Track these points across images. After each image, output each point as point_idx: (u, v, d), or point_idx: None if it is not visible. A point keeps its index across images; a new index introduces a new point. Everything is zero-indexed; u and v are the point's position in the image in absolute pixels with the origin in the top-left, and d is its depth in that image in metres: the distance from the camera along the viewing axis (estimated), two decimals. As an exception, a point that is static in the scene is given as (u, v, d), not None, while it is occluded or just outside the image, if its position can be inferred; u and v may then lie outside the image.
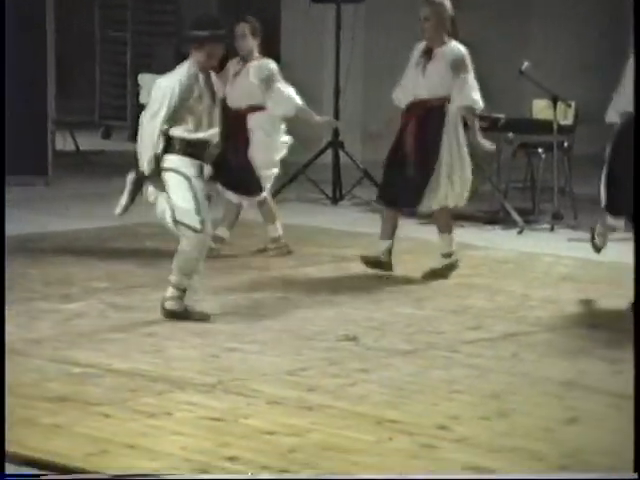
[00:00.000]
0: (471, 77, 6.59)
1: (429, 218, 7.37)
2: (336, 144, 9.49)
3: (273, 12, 11.55)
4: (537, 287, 6.61)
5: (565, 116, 8.60)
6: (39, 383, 4.70)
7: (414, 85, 6.64)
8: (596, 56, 11.56)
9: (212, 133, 5.69)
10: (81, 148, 11.32)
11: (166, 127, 5.61)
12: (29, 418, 4.30)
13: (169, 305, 5.67)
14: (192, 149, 5.63)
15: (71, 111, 12.42)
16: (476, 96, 6.59)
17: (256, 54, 7.16)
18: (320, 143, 9.89)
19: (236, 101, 7.11)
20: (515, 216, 8.33)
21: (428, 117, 6.56)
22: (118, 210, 5.71)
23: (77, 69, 13.05)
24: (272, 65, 7.15)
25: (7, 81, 9.40)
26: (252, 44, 7.12)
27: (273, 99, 7.11)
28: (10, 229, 7.83)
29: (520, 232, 8.22)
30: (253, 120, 7.12)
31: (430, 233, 7.70)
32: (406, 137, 6.60)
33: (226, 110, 6.64)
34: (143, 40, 12.67)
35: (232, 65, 7.20)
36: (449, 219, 6.77)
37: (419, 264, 6.93)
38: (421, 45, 6.67)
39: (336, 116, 9.44)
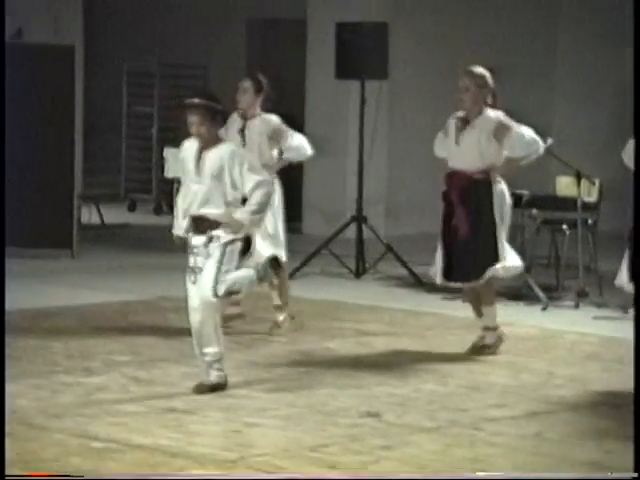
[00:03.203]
0: (521, 128, 6.56)
1: (454, 293, 7.35)
2: (359, 219, 9.52)
3: (298, 86, 11.69)
4: (561, 365, 6.55)
5: (589, 193, 8.60)
6: (60, 458, 4.68)
7: (449, 155, 6.65)
8: (620, 133, 11.60)
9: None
10: (106, 221, 11.41)
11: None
12: (49, 494, 4.27)
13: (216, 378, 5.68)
14: None
15: (97, 184, 12.54)
16: (535, 145, 6.56)
17: (257, 110, 7.15)
18: (344, 217, 9.93)
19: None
20: (539, 292, 8.29)
21: (474, 191, 6.52)
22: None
23: (103, 143, 13.20)
24: (276, 119, 7.15)
25: (34, 154, 9.54)
26: (253, 100, 7.10)
27: (285, 147, 7.12)
28: (34, 302, 7.89)
29: (544, 309, 8.18)
30: None
31: (454, 309, 7.68)
32: (455, 211, 6.56)
33: None
34: (169, 114, 12.81)
35: (233, 121, 7.15)
36: (494, 292, 6.74)
37: (443, 340, 6.89)
38: (457, 114, 6.65)
39: (360, 190, 9.48)
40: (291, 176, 9.76)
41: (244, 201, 5.77)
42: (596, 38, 12.13)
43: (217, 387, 5.69)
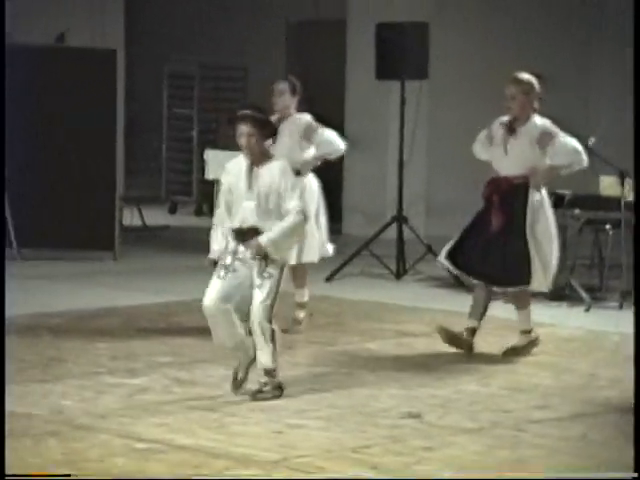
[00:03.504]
0: (565, 138, 6.52)
1: (494, 294, 7.29)
2: (400, 219, 9.50)
3: (339, 86, 11.69)
4: (605, 366, 6.50)
5: (633, 192, 8.52)
6: (104, 458, 4.71)
7: (496, 162, 6.62)
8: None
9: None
10: (147, 223, 11.47)
11: None
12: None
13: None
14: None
15: (138, 186, 12.61)
16: (578, 155, 6.52)
17: (292, 111, 7.15)
18: (384, 218, 9.91)
19: None
20: (582, 293, 8.23)
21: (513, 195, 6.50)
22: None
23: (144, 145, 13.27)
24: (307, 117, 7.14)
25: (77, 157, 9.62)
26: (289, 101, 7.12)
27: (317, 143, 7.10)
28: (77, 303, 7.95)
29: (587, 309, 8.12)
30: None
31: (494, 309, 7.63)
32: (493, 215, 6.53)
33: None
34: (209, 116, 12.86)
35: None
36: (528, 295, 6.70)
37: (483, 341, 6.86)
38: (503, 119, 6.61)
39: (400, 190, 9.47)
40: (331, 177, 9.77)
41: None
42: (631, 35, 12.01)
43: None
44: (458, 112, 11.36)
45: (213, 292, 5.66)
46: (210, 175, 9.80)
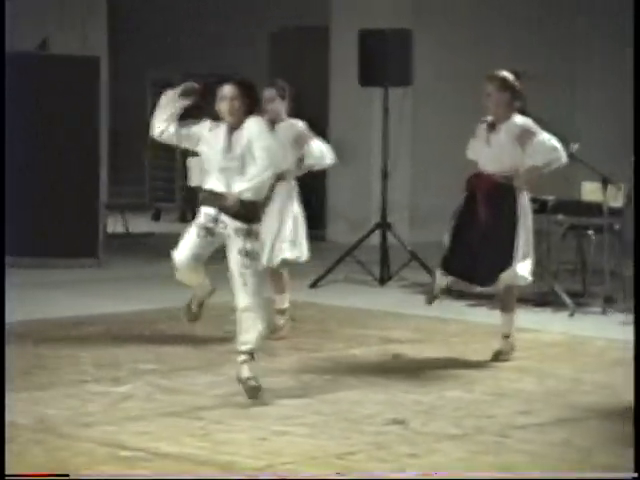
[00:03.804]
0: (544, 135, 6.50)
1: (478, 300, 7.32)
2: (384, 225, 9.51)
3: (322, 93, 11.70)
4: (589, 371, 6.51)
5: (615, 198, 8.55)
6: (89, 467, 4.69)
7: (479, 157, 6.63)
8: (633, 110, 11.54)
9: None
10: (131, 230, 11.44)
11: None
12: (77, 502, 4.29)
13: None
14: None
15: (122, 194, 12.59)
16: (556, 153, 6.49)
17: (284, 116, 7.15)
18: (368, 224, 9.92)
19: None
20: (566, 298, 8.25)
21: (499, 194, 6.48)
22: None
23: (128, 152, 13.25)
24: (301, 124, 7.15)
25: (60, 165, 9.60)
26: (280, 107, 7.13)
27: (307, 153, 7.10)
28: (61, 311, 7.93)
29: (571, 315, 8.14)
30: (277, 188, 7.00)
31: (479, 316, 7.65)
32: (477, 212, 6.51)
33: None
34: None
35: None
36: (514, 299, 6.70)
37: (468, 347, 6.87)
38: (486, 119, 6.61)
39: (384, 197, 9.48)
40: (315, 183, 9.78)
41: None
42: (619, 41, 12.08)
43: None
44: (442, 118, 11.40)
45: (187, 250, 5.67)
46: (193, 182, 9.81)
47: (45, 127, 9.47)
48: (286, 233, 7.05)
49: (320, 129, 7.74)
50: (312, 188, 7.55)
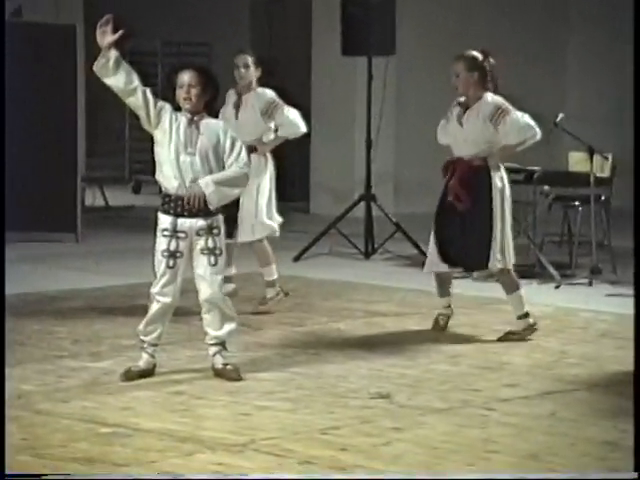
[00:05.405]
0: (517, 114, 6.39)
1: (464, 272, 7.24)
2: (368, 197, 9.42)
3: (304, 63, 11.57)
4: (575, 343, 6.47)
5: (602, 169, 8.48)
6: (67, 443, 4.61)
7: (452, 142, 6.53)
8: (633, 106, 11.47)
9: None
10: (111, 204, 11.32)
11: None
12: (56, 480, 4.20)
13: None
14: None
15: (101, 166, 12.44)
16: (530, 131, 6.38)
17: (254, 85, 7.02)
18: (352, 197, 9.83)
19: (245, 136, 6.46)
20: (552, 270, 8.20)
21: (475, 178, 6.38)
22: None
23: (107, 124, 13.10)
24: (270, 93, 7.02)
25: (36, 137, 9.45)
26: (253, 75, 7.00)
27: (279, 122, 6.99)
28: (39, 286, 7.83)
29: (557, 287, 8.08)
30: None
31: (464, 288, 7.58)
32: (457, 196, 6.41)
33: None
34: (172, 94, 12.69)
35: (229, 98, 7.04)
36: (513, 279, 6.59)
37: (454, 319, 6.80)
38: (459, 100, 6.52)
39: (368, 168, 9.38)
40: (298, 155, 9.70)
41: None
42: (609, 16, 12.00)
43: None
44: (426, 88, 11.29)
45: (171, 287, 5.50)
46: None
47: (19, 97, 9.30)
48: (263, 210, 6.96)
49: (303, 99, 7.64)
50: (295, 160, 7.44)
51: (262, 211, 7.00)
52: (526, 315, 6.56)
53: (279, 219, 7.13)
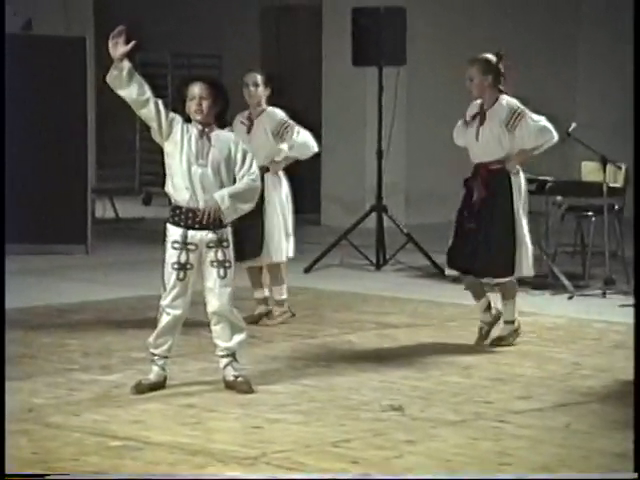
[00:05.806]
0: (533, 117, 6.36)
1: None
2: (379, 208, 9.39)
3: (315, 73, 11.56)
4: (588, 355, 6.42)
5: (615, 178, 8.44)
6: (78, 457, 4.58)
7: (470, 148, 6.51)
8: (633, 109, 11.43)
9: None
10: (121, 215, 11.31)
11: None
12: (66, 495, 4.18)
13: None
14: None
15: (111, 178, 12.44)
16: (547, 134, 6.35)
17: (263, 104, 7.00)
18: (363, 207, 9.80)
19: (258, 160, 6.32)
20: (565, 281, 8.15)
21: (495, 184, 6.36)
22: None
23: (117, 136, 13.10)
24: (280, 113, 6.99)
25: (46, 148, 9.45)
26: (263, 94, 6.97)
27: (290, 144, 6.96)
28: (49, 298, 7.81)
29: (570, 298, 8.03)
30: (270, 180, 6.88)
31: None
32: (475, 204, 6.40)
33: None
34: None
35: (242, 119, 7.01)
36: (515, 286, 6.59)
37: (465, 331, 6.77)
38: (476, 103, 6.49)
39: (379, 179, 9.35)
40: (309, 167, 9.64)
41: None
42: (618, 21, 11.95)
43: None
44: (437, 99, 11.26)
45: (182, 300, 5.48)
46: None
47: (30, 109, 9.31)
48: (282, 232, 6.93)
49: (313, 110, 7.62)
50: (305, 172, 7.42)
51: (282, 233, 6.98)
52: (513, 322, 6.55)
53: (292, 246, 7.05)
